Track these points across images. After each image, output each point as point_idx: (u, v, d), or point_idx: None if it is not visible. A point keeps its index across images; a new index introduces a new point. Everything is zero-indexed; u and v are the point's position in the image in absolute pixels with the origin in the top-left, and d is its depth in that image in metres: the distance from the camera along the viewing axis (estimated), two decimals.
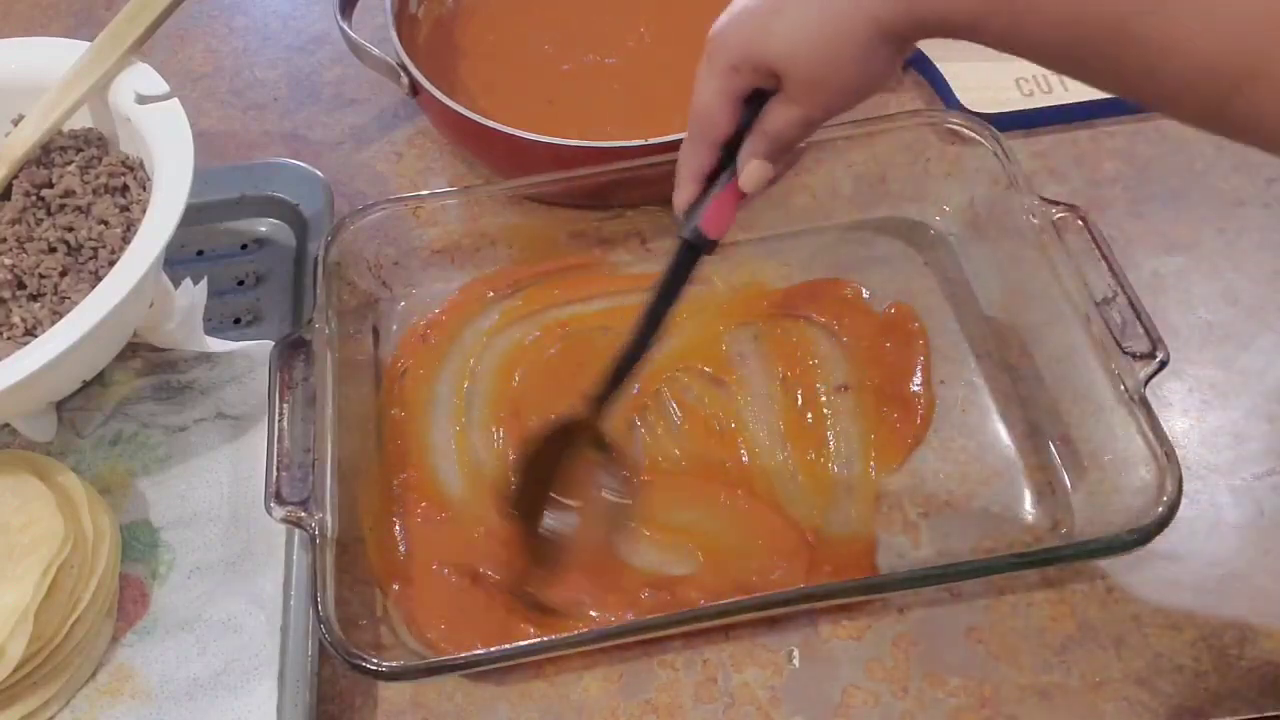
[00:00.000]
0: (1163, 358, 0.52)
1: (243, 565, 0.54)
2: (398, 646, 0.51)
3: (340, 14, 0.69)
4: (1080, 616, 0.52)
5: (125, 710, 0.50)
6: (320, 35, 0.82)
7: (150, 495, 0.57)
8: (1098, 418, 0.54)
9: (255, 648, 0.51)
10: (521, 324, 0.63)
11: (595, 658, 0.52)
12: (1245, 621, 0.52)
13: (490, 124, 0.63)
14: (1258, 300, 0.62)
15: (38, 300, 0.53)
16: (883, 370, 0.60)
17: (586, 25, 0.75)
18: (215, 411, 0.59)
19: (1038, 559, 0.50)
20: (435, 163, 0.73)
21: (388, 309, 0.64)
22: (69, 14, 0.85)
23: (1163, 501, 0.48)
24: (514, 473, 0.53)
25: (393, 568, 0.53)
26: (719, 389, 0.59)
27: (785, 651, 0.52)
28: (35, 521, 0.50)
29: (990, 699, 0.50)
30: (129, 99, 0.56)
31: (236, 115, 0.77)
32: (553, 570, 0.52)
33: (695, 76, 0.45)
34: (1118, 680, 0.50)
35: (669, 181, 0.61)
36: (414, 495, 0.56)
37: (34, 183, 0.56)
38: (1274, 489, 0.56)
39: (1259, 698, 0.49)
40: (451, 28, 0.76)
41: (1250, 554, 0.54)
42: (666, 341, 0.61)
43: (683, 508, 0.55)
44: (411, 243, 0.64)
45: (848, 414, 0.58)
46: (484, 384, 0.60)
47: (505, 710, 0.51)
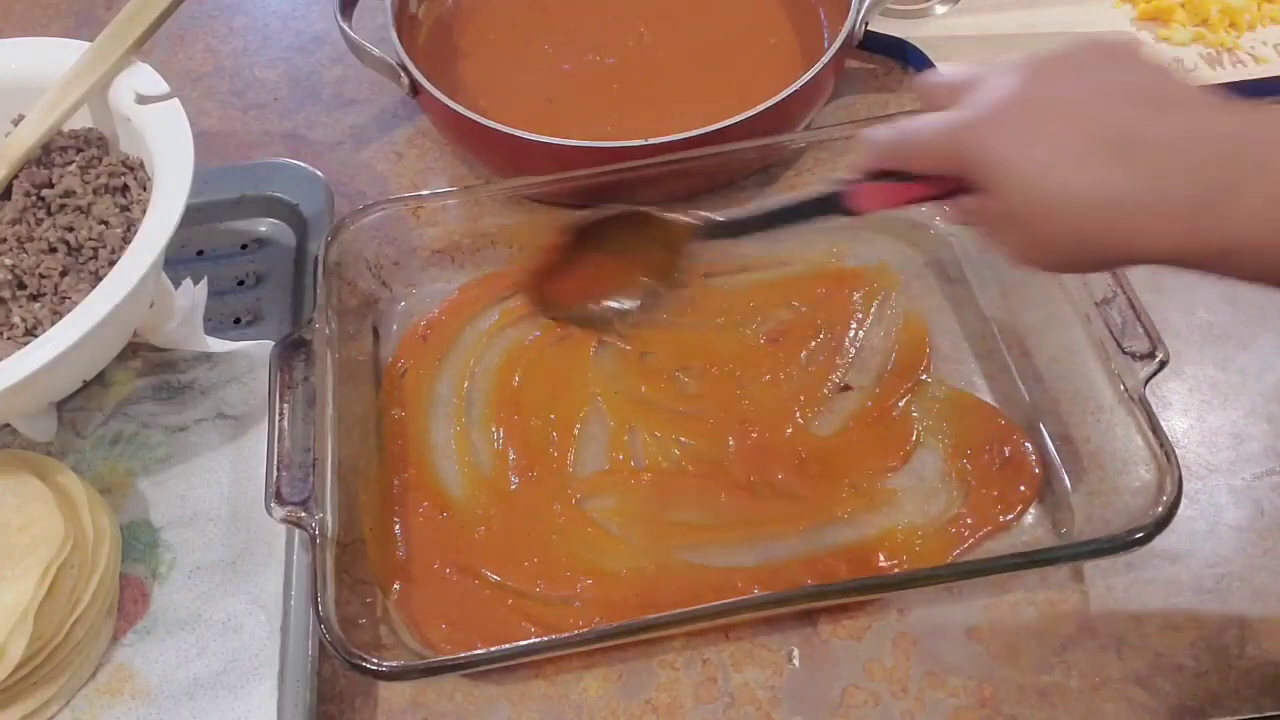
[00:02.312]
0: (1162, 358, 0.52)
1: (243, 565, 0.54)
2: (398, 646, 0.51)
3: (340, 14, 0.69)
4: (1080, 616, 0.52)
5: (125, 710, 0.50)
6: (320, 35, 0.82)
7: (150, 495, 0.57)
8: (1098, 418, 0.54)
9: (255, 648, 0.51)
10: (521, 324, 0.63)
11: (595, 658, 0.52)
12: (1245, 621, 0.52)
13: (490, 124, 0.63)
14: (1258, 300, 0.62)
15: (38, 300, 0.53)
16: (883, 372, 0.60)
17: (586, 25, 0.75)
18: (215, 411, 0.59)
19: (1038, 559, 0.50)
20: (435, 163, 0.73)
21: (388, 309, 0.64)
22: (69, 14, 0.85)
23: (1163, 501, 0.48)
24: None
25: (393, 568, 0.53)
26: (719, 388, 0.59)
27: (785, 651, 0.52)
28: (35, 521, 0.50)
29: (990, 699, 0.50)
30: (129, 99, 0.56)
31: (236, 115, 0.77)
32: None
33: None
34: (1118, 680, 0.50)
35: (669, 181, 0.61)
36: (414, 495, 0.56)
37: (34, 183, 0.56)
38: (1274, 489, 0.56)
39: (1259, 698, 0.49)
40: (451, 28, 0.76)
41: (1250, 554, 0.54)
42: (667, 342, 0.61)
43: (684, 507, 0.55)
44: (411, 243, 0.64)
45: (849, 414, 0.58)
46: (484, 384, 0.60)
47: (505, 710, 0.51)
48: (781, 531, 0.54)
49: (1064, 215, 0.36)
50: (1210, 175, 0.34)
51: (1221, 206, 0.34)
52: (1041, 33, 0.75)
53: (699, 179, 0.66)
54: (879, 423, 0.58)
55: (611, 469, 0.57)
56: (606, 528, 0.55)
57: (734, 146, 0.62)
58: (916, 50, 0.74)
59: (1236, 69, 0.72)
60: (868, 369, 0.60)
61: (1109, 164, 0.35)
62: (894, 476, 0.56)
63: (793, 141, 0.68)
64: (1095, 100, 0.37)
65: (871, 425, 0.58)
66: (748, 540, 0.54)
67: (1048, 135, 0.36)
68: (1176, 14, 0.75)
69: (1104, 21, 0.76)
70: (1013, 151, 0.37)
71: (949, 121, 0.39)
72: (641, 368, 0.61)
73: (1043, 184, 0.36)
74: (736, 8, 0.75)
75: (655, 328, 0.61)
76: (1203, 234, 0.35)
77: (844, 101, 0.74)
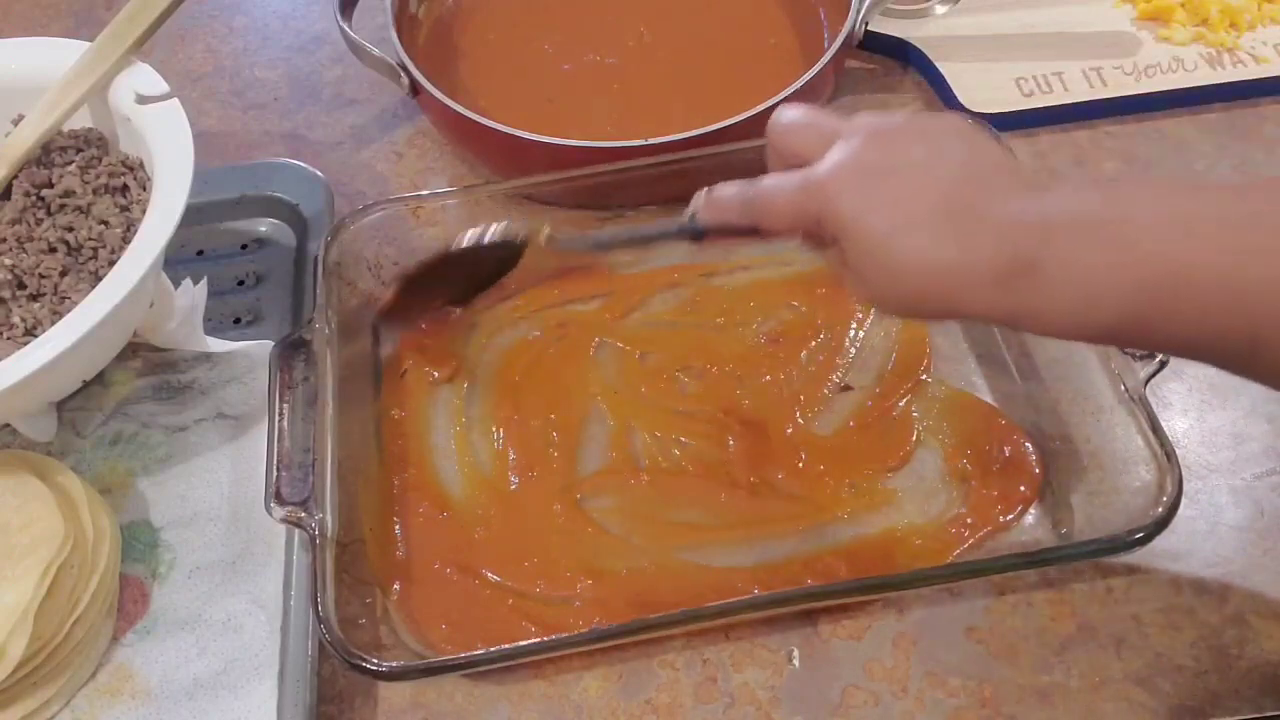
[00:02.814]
0: (1163, 358, 0.52)
1: (243, 565, 0.54)
2: (398, 646, 0.51)
3: (340, 14, 0.69)
4: (1080, 616, 0.52)
5: (125, 710, 0.50)
6: (320, 35, 0.82)
7: (150, 495, 0.57)
8: (1098, 418, 0.54)
9: (255, 648, 0.51)
10: (521, 324, 0.63)
11: (595, 658, 0.52)
12: (1245, 621, 0.52)
13: (490, 124, 0.63)
14: None
15: (38, 300, 0.53)
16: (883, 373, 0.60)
17: (586, 25, 0.75)
18: (215, 411, 0.59)
19: (1038, 559, 0.50)
20: (435, 163, 0.73)
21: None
22: (69, 14, 0.85)
23: (1163, 501, 0.48)
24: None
25: (393, 568, 0.53)
26: (719, 387, 0.59)
27: (785, 651, 0.52)
28: (35, 521, 0.50)
29: (990, 699, 0.50)
30: (129, 99, 0.56)
31: (236, 115, 0.77)
32: None
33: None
34: (1118, 680, 0.50)
35: (669, 181, 0.61)
36: (414, 495, 0.56)
37: (34, 183, 0.56)
38: (1274, 489, 0.56)
39: (1259, 698, 0.49)
40: (451, 28, 0.76)
41: (1250, 554, 0.54)
42: (667, 342, 0.61)
43: (684, 507, 0.55)
44: (411, 243, 0.63)
45: (849, 414, 0.58)
46: (484, 384, 0.60)
47: (505, 710, 0.51)
48: (781, 531, 0.54)
49: (903, 277, 0.40)
50: (1015, 252, 0.38)
51: (1023, 278, 0.38)
52: (1041, 33, 0.75)
53: (699, 179, 0.65)
54: (879, 423, 0.58)
55: (611, 469, 0.57)
56: (606, 528, 0.55)
57: (734, 146, 0.62)
58: (917, 50, 0.74)
59: (1236, 69, 0.72)
60: (868, 369, 0.60)
61: (940, 234, 0.39)
62: (894, 476, 0.56)
63: None
64: (933, 171, 0.41)
65: (871, 425, 0.58)
66: (748, 540, 0.54)
67: (890, 202, 0.40)
68: (1176, 14, 0.75)
69: (1104, 21, 0.76)
70: (860, 215, 0.40)
71: (800, 185, 0.42)
72: (641, 368, 0.61)
73: (886, 246, 0.40)
74: (736, 8, 0.75)
75: (655, 328, 0.62)
76: (1014, 299, 0.39)
77: (844, 101, 0.74)
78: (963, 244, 0.39)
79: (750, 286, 0.64)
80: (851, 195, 0.40)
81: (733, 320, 0.62)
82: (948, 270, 0.39)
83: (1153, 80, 0.72)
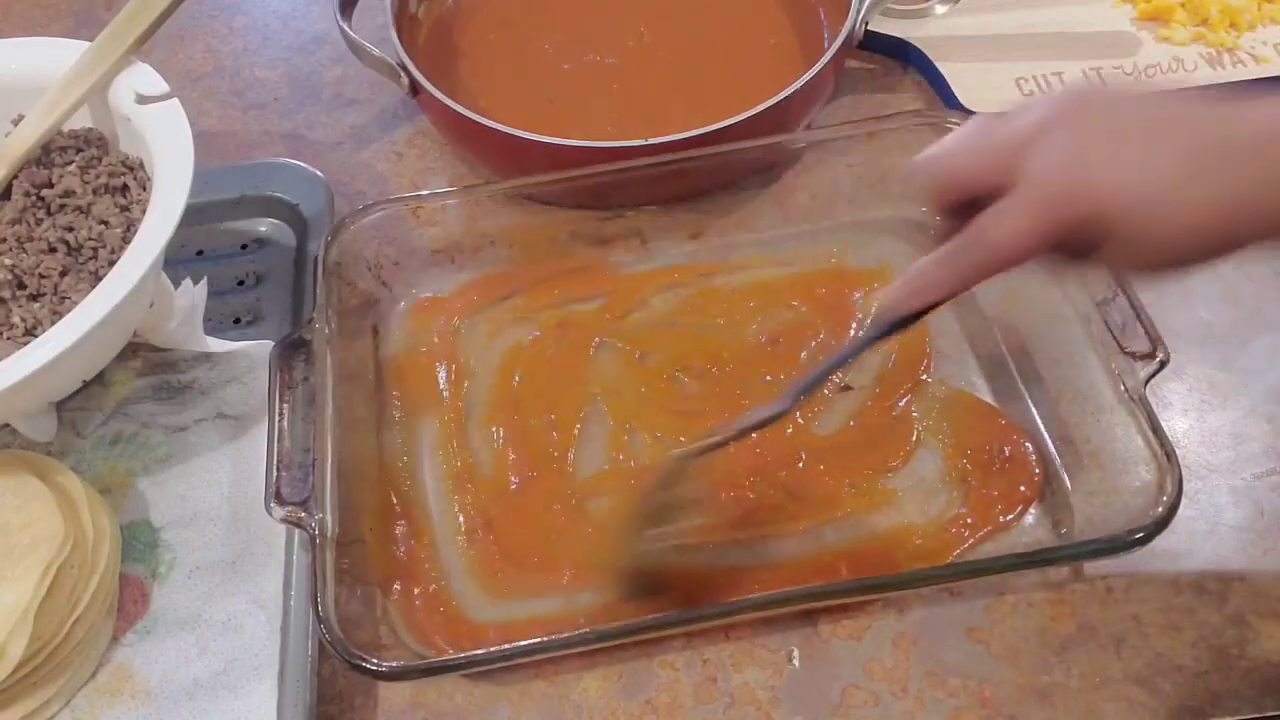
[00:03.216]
0: (1163, 358, 0.52)
1: (243, 565, 0.54)
2: (398, 646, 0.51)
3: (340, 14, 0.69)
4: (1080, 616, 0.52)
5: (125, 710, 0.50)
6: (320, 35, 0.82)
7: (150, 495, 0.57)
8: (1098, 418, 0.54)
9: (255, 648, 0.51)
10: (521, 324, 0.63)
11: (595, 658, 0.52)
12: (1245, 621, 0.52)
13: (490, 124, 0.63)
14: (1258, 300, 0.62)
15: (38, 300, 0.53)
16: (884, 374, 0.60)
17: (586, 25, 0.75)
18: (215, 411, 0.59)
19: (1038, 559, 0.50)
20: (435, 163, 0.73)
21: (388, 309, 0.64)
22: (69, 14, 0.85)
23: (1163, 501, 0.48)
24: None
25: (393, 568, 0.53)
26: (719, 387, 0.59)
27: (785, 651, 0.52)
28: (35, 521, 0.50)
29: (990, 699, 0.50)
30: (129, 99, 0.56)
31: (236, 115, 0.77)
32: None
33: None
34: (1118, 680, 0.50)
35: (669, 181, 0.61)
36: (414, 495, 0.56)
37: (34, 183, 0.56)
38: (1274, 489, 0.56)
39: (1259, 698, 0.49)
40: (451, 28, 0.76)
41: (1250, 554, 0.54)
42: (667, 342, 0.61)
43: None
44: (411, 243, 0.64)
45: (849, 414, 0.58)
46: (484, 384, 0.60)
47: (505, 710, 0.51)
48: (781, 531, 0.54)
49: (1201, 224, 0.37)
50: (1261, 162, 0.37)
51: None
52: (1041, 33, 0.75)
53: (699, 179, 0.66)
54: (879, 423, 0.58)
55: (611, 469, 0.57)
56: (606, 528, 0.55)
57: (734, 146, 0.62)
58: (917, 50, 0.74)
59: (1236, 69, 0.72)
60: (868, 369, 0.60)
61: (1209, 170, 0.36)
62: (894, 476, 0.56)
63: (793, 141, 0.68)
64: (1154, 122, 0.37)
65: (871, 425, 0.58)
66: (748, 540, 0.54)
67: (1140, 162, 0.37)
68: (1176, 14, 0.75)
69: (1104, 21, 0.76)
70: (1124, 185, 0.37)
71: (1029, 201, 0.38)
72: (641, 368, 0.61)
73: (1169, 199, 0.36)
74: (736, 8, 0.75)
75: (655, 328, 0.62)
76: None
77: (844, 101, 0.74)
78: (1237, 174, 0.36)
79: (750, 286, 0.64)
80: (1103, 174, 0.37)
81: (733, 320, 0.62)
82: (1239, 199, 0.37)
83: (1153, 80, 0.72)
